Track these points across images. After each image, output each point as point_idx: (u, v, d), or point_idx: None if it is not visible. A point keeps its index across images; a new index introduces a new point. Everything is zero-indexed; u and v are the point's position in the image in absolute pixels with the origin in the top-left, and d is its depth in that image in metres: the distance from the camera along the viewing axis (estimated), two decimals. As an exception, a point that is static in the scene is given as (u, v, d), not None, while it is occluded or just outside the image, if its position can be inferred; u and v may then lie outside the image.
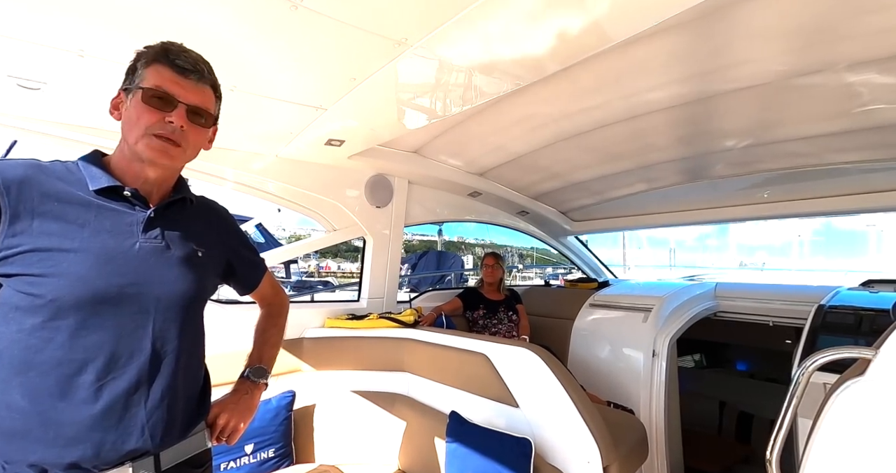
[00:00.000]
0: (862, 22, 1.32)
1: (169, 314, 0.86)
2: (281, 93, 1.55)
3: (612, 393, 2.60)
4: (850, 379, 0.76)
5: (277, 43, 1.23)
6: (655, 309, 2.68)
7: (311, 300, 4.27)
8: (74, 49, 1.19)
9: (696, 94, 1.85)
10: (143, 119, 0.82)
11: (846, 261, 20.79)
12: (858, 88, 1.68)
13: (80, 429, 0.76)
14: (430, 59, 1.35)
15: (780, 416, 0.91)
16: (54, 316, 0.75)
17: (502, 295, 3.16)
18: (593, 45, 1.28)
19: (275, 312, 1.23)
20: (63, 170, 0.83)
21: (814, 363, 0.86)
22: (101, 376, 0.78)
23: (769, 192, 2.97)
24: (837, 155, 2.29)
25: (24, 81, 1.35)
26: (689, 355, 3.55)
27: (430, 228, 12.49)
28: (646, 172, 2.87)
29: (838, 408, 0.74)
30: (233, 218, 1.11)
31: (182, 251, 0.89)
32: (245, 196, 2.30)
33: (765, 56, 1.55)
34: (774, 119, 2.01)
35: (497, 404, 1.78)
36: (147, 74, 0.83)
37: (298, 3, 1.03)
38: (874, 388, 0.72)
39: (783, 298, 2.71)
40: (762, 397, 3.01)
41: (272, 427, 1.95)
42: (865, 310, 2.04)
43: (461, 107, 1.75)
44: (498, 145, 2.58)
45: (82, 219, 0.79)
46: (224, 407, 1.03)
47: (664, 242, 14.81)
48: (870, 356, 0.76)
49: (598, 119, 2.16)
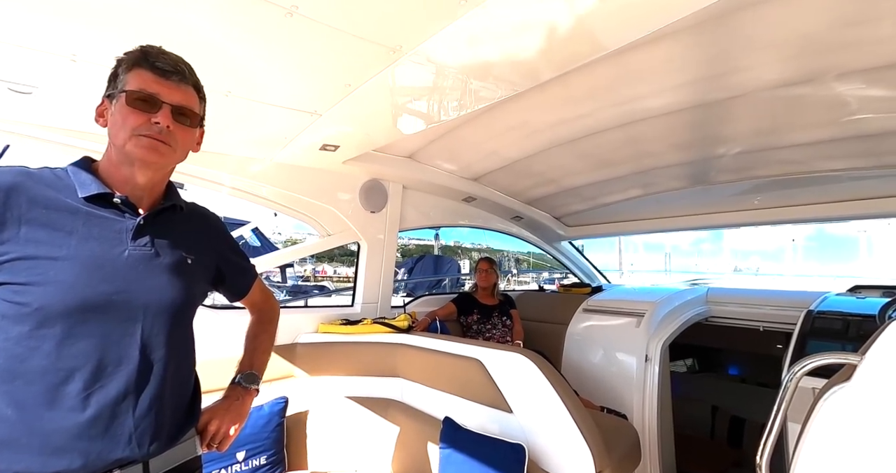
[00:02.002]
0: (848, 34, 1.35)
1: (157, 321, 0.85)
2: (276, 98, 1.55)
3: (605, 398, 2.60)
4: (837, 385, 0.77)
5: (273, 49, 1.24)
6: (648, 314, 2.69)
7: (305, 305, 4.25)
8: (67, 53, 1.19)
9: (689, 102, 1.87)
10: (129, 121, 0.82)
11: (839, 266, 20.98)
12: (847, 98, 1.71)
13: (66, 438, 0.75)
14: (425, 66, 1.36)
15: (769, 421, 0.92)
16: (41, 325, 0.75)
17: (496, 301, 3.16)
18: (587, 53, 1.30)
19: (266, 318, 1.23)
20: (52, 177, 0.82)
21: (801, 368, 0.88)
22: (89, 384, 0.77)
23: (760, 199, 3.01)
24: (827, 162, 2.32)
25: (16, 85, 1.34)
26: (682, 360, 3.57)
27: (426, 233, 12.48)
28: (639, 178, 2.90)
29: (825, 413, 0.75)
30: (223, 224, 1.11)
31: (171, 258, 0.89)
32: (241, 200, 2.30)
33: (756, 65, 1.58)
34: (766, 127, 2.04)
35: (491, 409, 1.78)
36: (129, 78, 0.83)
37: (294, 11, 1.04)
38: (859, 393, 0.73)
39: (773, 303, 2.74)
40: (754, 401, 3.03)
41: (264, 434, 1.93)
42: (853, 316, 2.07)
43: (456, 113, 1.77)
44: (492, 151, 2.59)
45: (70, 226, 0.79)
46: (215, 414, 1.02)
47: (660, 247, 14.87)
48: (855, 361, 0.78)
49: (592, 125, 2.18)
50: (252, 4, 1.01)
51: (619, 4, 1.06)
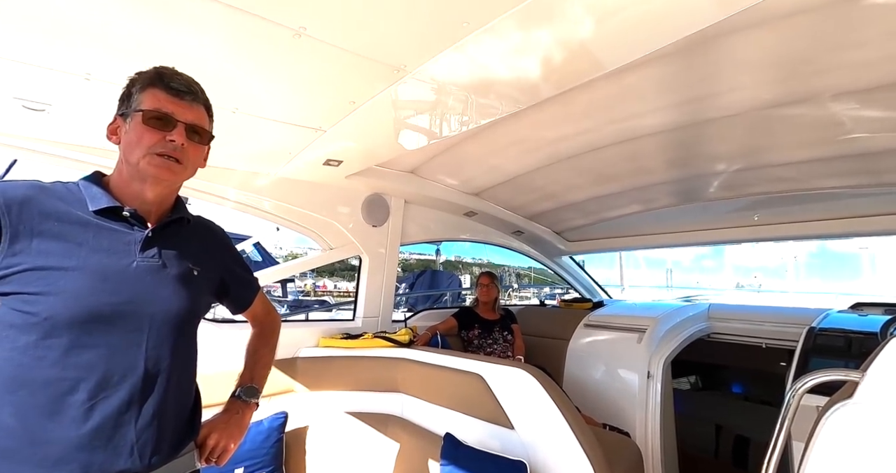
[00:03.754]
0: (839, 57, 1.39)
1: (162, 332, 0.86)
2: (281, 115, 1.58)
3: (607, 415, 2.57)
4: (840, 402, 0.77)
5: (280, 68, 1.27)
6: (649, 330, 2.68)
7: (306, 318, 4.24)
8: (81, 72, 1.23)
9: (686, 120, 1.91)
10: (145, 139, 0.85)
11: (841, 283, 20.87)
12: (840, 118, 1.74)
13: (67, 449, 0.75)
14: (428, 84, 1.39)
15: (772, 439, 0.91)
16: (48, 335, 0.76)
17: (497, 315, 3.15)
18: (587, 72, 1.33)
19: (267, 332, 1.24)
20: (64, 191, 0.85)
21: (803, 385, 0.88)
22: (93, 395, 0.77)
23: (759, 215, 3.02)
24: (823, 180, 2.35)
25: (30, 103, 1.37)
26: (685, 377, 3.53)
27: (428, 247, 12.48)
28: (638, 194, 2.92)
29: (828, 431, 0.75)
30: (228, 237, 1.13)
31: (178, 269, 0.91)
32: (244, 214, 2.32)
33: (751, 85, 1.61)
34: (762, 145, 2.07)
35: (492, 425, 1.76)
36: (144, 98, 0.87)
37: (302, 32, 1.07)
38: (862, 411, 0.73)
39: (775, 320, 2.72)
40: (758, 420, 2.99)
41: (263, 450, 1.91)
42: (855, 333, 2.06)
43: (457, 129, 1.80)
44: (493, 166, 2.62)
45: (81, 238, 0.81)
46: (214, 427, 1.02)
47: (661, 262, 14.85)
48: (857, 378, 0.78)
49: (591, 142, 2.21)
50: (262, 26, 1.04)
51: (617, 27, 1.09)
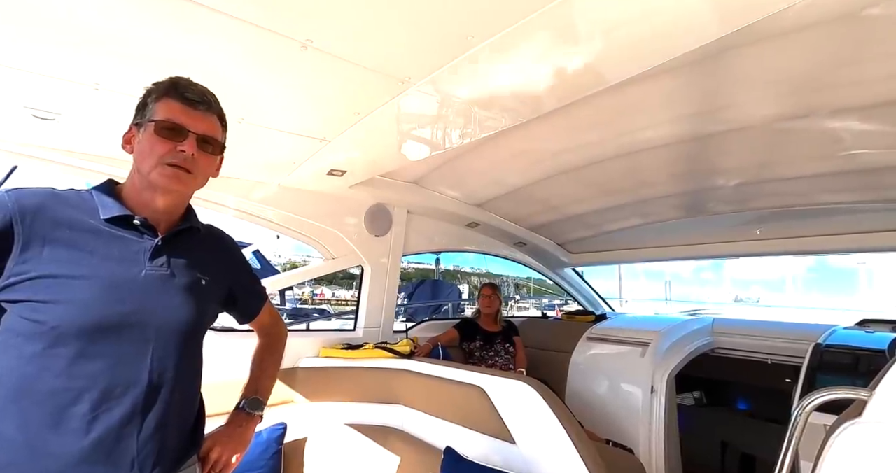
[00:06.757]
0: (840, 74, 1.40)
1: (169, 342, 0.86)
2: (287, 125, 1.60)
3: (610, 431, 2.53)
4: (848, 421, 0.76)
5: (286, 79, 1.29)
6: (653, 344, 2.65)
7: (307, 328, 4.22)
8: (90, 82, 1.24)
9: (689, 134, 1.92)
10: (157, 149, 0.86)
11: (839, 298, 20.81)
12: (841, 134, 1.75)
13: (67, 462, 0.74)
14: (432, 96, 1.40)
15: (780, 458, 0.89)
16: (54, 344, 0.75)
17: (499, 327, 3.13)
18: (590, 85, 1.35)
19: (273, 342, 1.23)
20: (76, 199, 0.85)
21: (810, 403, 0.86)
22: (96, 406, 0.77)
23: (762, 229, 3.01)
24: (825, 195, 2.35)
25: (40, 112, 1.39)
26: (689, 392, 3.48)
27: (427, 257, 12.48)
28: (641, 207, 2.92)
29: (837, 450, 0.74)
30: (238, 246, 1.13)
31: (186, 278, 0.91)
32: (244, 223, 2.33)
33: (753, 100, 1.62)
34: (765, 159, 2.08)
35: (493, 440, 1.73)
36: (158, 108, 0.87)
37: (308, 44, 1.09)
38: (871, 430, 0.72)
39: (780, 336, 2.69)
40: (764, 438, 2.94)
41: (261, 462, 1.88)
42: (862, 350, 2.03)
43: (460, 141, 1.81)
44: (496, 178, 2.63)
45: (91, 246, 0.81)
46: (217, 440, 1.01)
47: (660, 275, 14.82)
48: (866, 397, 0.76)
49: (594, 155, 2.22)
50: (270, 38, 1.06)
51: (621, 42, 1.10)
